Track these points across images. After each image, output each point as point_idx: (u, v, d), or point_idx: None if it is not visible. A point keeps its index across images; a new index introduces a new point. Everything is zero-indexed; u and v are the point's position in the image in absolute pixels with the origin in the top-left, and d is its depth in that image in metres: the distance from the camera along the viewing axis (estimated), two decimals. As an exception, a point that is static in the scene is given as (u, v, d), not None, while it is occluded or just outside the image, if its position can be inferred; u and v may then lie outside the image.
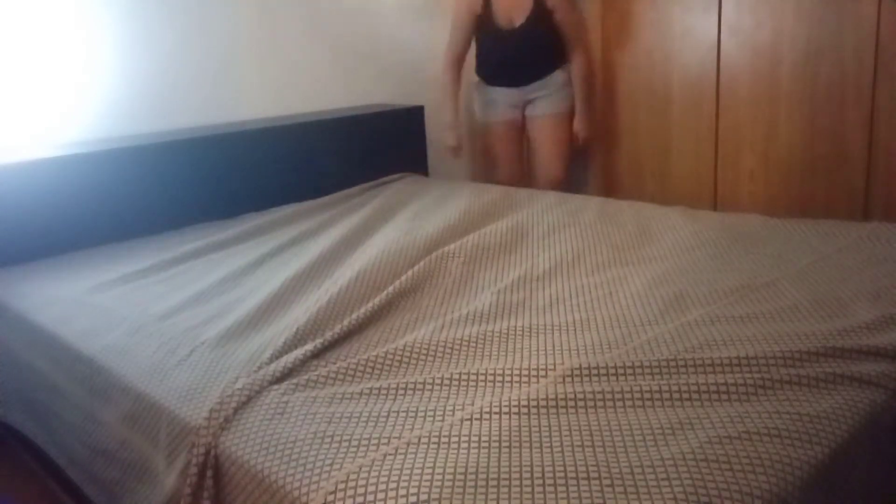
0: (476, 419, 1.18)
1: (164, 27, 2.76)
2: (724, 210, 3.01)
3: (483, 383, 1.31)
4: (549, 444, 1.10)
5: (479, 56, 3.22)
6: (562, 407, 1.20)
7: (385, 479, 1.04)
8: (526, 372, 1.33)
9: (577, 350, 1.42)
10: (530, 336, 1.50)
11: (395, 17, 3.52)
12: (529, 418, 1.17)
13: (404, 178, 3.20)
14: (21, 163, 2.26)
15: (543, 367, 1.35)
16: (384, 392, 1.31)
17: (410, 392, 1.30)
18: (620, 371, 1.31)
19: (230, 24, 2.95)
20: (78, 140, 2.63)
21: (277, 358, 1.45)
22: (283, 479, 1.09)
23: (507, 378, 1.32)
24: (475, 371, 1.35)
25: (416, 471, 1.05)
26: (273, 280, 1.95)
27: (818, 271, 1.77)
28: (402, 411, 1.23)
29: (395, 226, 2.43)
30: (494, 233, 2.20)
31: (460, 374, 1.35)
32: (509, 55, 3.10)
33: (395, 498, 1.00)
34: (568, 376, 1.30)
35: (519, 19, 3.02)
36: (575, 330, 1.52)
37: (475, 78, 3.32)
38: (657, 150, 3.22)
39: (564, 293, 1.74)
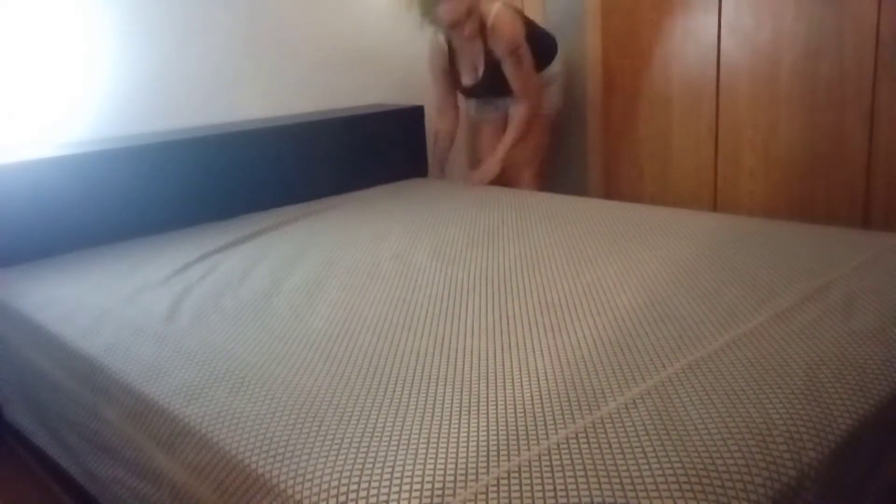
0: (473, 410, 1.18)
1: (164, 27, 2.76)
2: (724, 210, 3.01)
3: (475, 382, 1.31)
4: (545, 440, 1.10)
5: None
6: (565, 404, 1.21)
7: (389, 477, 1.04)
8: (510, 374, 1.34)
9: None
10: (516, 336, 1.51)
11: (395, 18, 3.52)
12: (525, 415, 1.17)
13: (406, 181, 3.20)
14: (21, 163, 2.26)
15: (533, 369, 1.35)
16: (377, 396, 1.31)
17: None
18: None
19: (230, 25, 2.94)
20: (78, 140, 2.62)
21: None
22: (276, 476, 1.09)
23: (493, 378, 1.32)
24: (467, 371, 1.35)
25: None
26: (276, 283, 1.95)
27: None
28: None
29: (396, 230, 2.43)
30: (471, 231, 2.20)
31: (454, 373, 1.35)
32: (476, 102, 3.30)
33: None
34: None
35: (479, 72, 3.07)
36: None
37: None
38: (657, 150, 3.22)
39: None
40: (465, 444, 1.10)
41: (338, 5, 3.29)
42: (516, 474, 1.02)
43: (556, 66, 3.20)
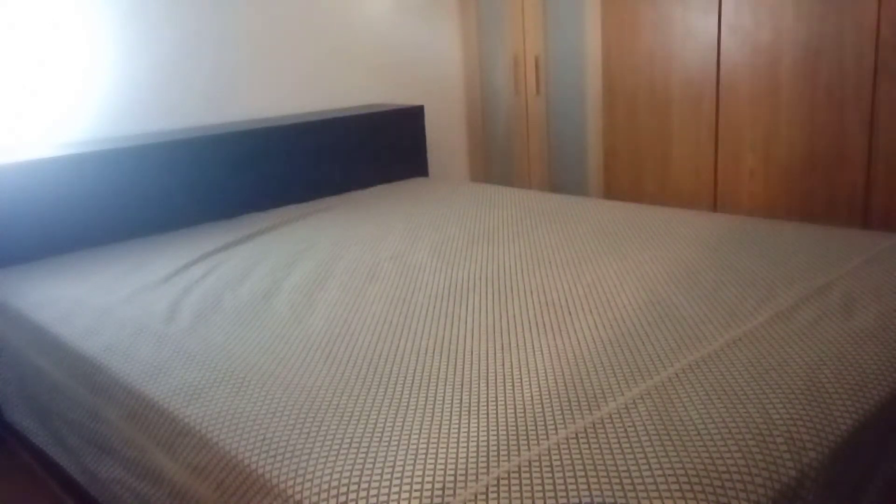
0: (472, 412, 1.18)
1: (164, 27, 2.76)
2: (724, 210, 3.01)
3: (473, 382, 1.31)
4: (545, 440, 1.10)
5: None
6: (564, 402, 1.21)
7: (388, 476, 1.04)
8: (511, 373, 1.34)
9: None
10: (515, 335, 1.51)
11: (395, 17, 3.52)
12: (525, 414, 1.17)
13: (406, 180, 3.20)
14: (21, 163, 2.26)
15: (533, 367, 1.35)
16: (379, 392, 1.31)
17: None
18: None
19: (230, 25, 2.94)
20: (78, 140, 2.62)
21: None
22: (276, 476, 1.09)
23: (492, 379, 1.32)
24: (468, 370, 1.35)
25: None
26: (276, 283, 1.95)
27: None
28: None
29: (396, 229, 2.43)
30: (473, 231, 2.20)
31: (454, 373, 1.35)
32: None
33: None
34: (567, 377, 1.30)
35: None
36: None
37: None
38: (657, 150, 3.22)
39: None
40: (465, 444, 1.10)
41: (338, 5, 3.29)
42: (516, 474, 1.02)
43: None
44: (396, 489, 1.01)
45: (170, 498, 1.33)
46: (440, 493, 1.00)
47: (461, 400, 1.24)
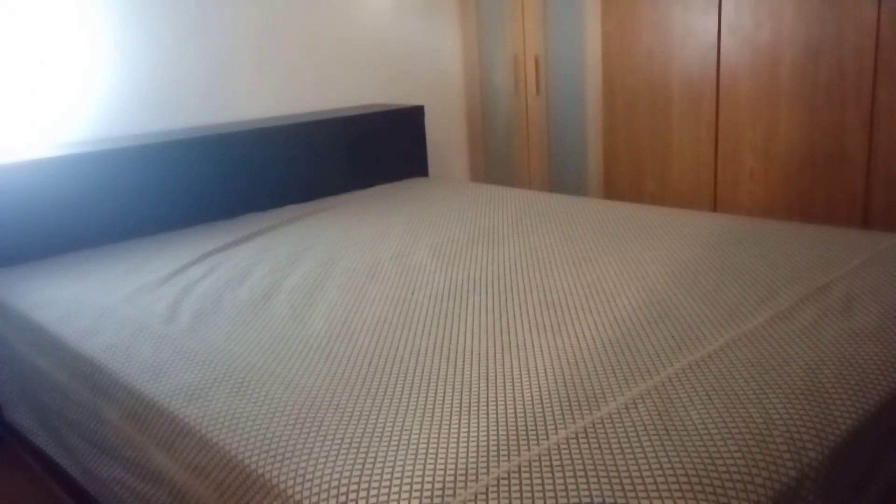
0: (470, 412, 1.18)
1: (164, 27, 2.76)
2: (724, 210, 3.01)
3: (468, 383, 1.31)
4: (545, 440, 1.10)
5: None
6: (564, 403, 1.21)
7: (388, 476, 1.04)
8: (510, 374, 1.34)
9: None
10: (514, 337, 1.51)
11: (395, 17, 3.52)
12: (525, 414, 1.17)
13: (406, 180, 3.20)
14: (21, 163, 2.26)
15: (531, 367, 1.35)
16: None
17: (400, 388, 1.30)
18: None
19: (230, 24, 2.94)
20: (78, 140, 2.62)
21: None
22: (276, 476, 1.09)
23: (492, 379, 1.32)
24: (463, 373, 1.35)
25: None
26: (276, 283, 1.95)
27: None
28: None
29: (396, 229, 2.43)
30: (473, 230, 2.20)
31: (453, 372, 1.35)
32: None
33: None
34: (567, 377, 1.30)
35: None
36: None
37: None
38: (657, 150, 3.22)
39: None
40: (465, 444, 1.10)
41: (338, 5, 3.29)
42: (516, 474, 1.02)
43: None
44: (396, 489, 1.01)
45: (170, 498, 1.33)
46: (440, 493, 1.00)
47: (461, 400, 1.24)
